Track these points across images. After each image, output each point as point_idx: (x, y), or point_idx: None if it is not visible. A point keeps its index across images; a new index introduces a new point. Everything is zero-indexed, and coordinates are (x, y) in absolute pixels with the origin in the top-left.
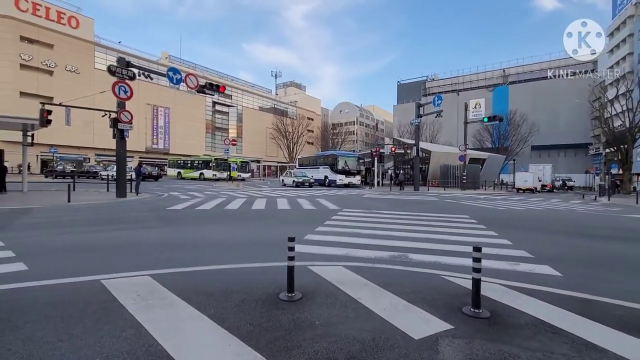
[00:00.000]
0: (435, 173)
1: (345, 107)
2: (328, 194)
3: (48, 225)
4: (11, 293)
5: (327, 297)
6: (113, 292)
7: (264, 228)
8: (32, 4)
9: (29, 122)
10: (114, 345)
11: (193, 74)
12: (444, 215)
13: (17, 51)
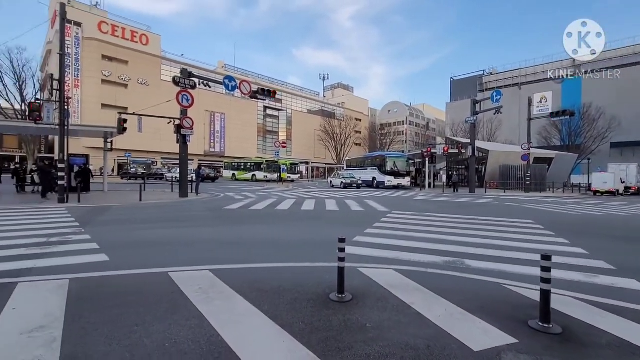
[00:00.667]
0: (493, 174)
1: (393, 106)
2: (376, 196)
3: (124, 221)
4: (97, 280)
5: (378, 300)
6: (178, 284)
7: (313, 228)
8: (112, 26)
9: (109, 130)
10: (180, 333)
11: (247, 81)
12: (505, 219)
13: (99, 68)
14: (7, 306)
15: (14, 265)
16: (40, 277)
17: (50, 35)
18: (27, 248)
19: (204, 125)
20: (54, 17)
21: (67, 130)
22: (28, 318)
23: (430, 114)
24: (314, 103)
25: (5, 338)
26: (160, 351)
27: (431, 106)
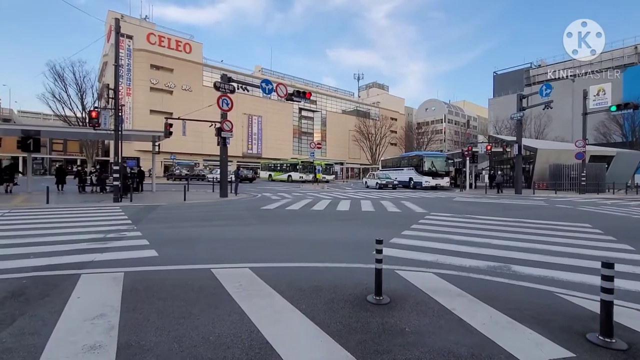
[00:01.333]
0: (542, 173)
1: (431, 104)
2: (413, 197)
3: (170, 219)
4: (147, 274)
5: (417, 305)
6: (220, 280)
7: (349, 229)
8: (159, 37)
9: (157, 134)
10: (223, 327)
11: (282, 84)
12: (556, 222)
13: (148, 77)
14: (73, 295)
15: (78, 258)
16: (99, 270)
17: (106, 49)
18: (88, 243)
19: (242, 128)
20: (109, 32)
21: (121, 135)
22: (90, 306)
23: (471, 111)
24: (348, 103)
25: (72, 323)
26: (205, 343)
27: (472, 103)
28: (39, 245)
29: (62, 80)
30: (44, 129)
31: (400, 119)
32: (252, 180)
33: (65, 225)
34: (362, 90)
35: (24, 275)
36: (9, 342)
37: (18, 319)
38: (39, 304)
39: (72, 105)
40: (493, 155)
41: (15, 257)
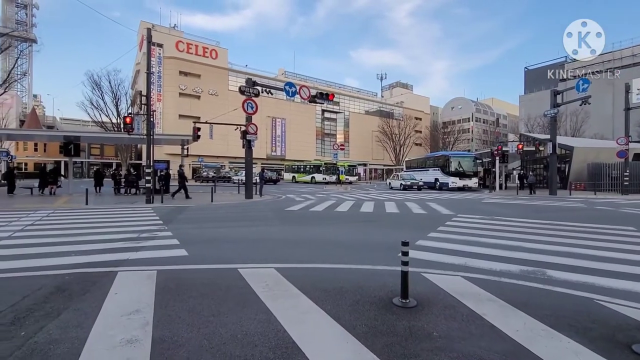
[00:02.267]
0: (579, 173)
1: (458, 102)
2: (439, 198)
3: (199, 220)
4: (178, 273)
5: (445, 308)
6: (247, 279)
7: (373, 231)
8: (187, 44)
9: (185, 138)
10: (250, 326)
11: (306, 86)
12: (596, 225)
13: (177, 83)
14: (111, 291)
15: (114, 256)
16: (134, 268)
17: (138, 57)
18: (124, 242)
19: (266, 131)
20: (141, 42)
21: (152, 139)
22: (126, 302)
23: (500, 109)
24: (371, 104)
25: (110, 318)
26: (233, 341)
27: (501, 100)
28: (80, 243)
29: (99, 89)
30: (83, 134)
31: (425, 119)
32: (276, 182)
33: (103, 225)
34: (386, 90)
35: (66, 272)
36: (55, 333)
37: (63, 313)
38: (80, 299)
39: (108, 112)
40: (525, 154)
41: (59, 255)
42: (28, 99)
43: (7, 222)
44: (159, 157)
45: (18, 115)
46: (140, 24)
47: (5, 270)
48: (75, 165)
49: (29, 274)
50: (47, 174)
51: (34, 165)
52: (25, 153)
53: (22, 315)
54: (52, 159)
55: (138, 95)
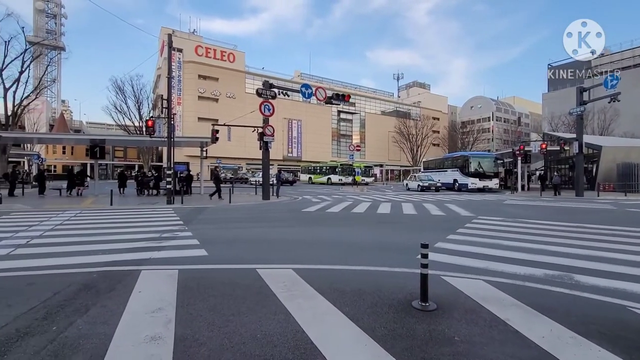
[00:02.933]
0: (608, 174)
1: (477, 101)
2: (458, 199)
3: (218, 221)
4: (199, 272)
5: (467, 313)
6: (265, 280)
7: (390, 232)
8: (205, 48)
9: (204, 140)
10: (269, 326)
11: (322, 87)
12: (627, 228)
13: (196, 86)
14: (135, 289)
15: (138, 255)
16: (157, 267)
17: (159, 62)
18: (146, 242)
19: (282, 132)
20: (162, 47)
21: (173, 141)
22: (149, 300)
23: (522, 108)
24: (387, 104)
25: (136, 315)
26: (253, 341)
27: (523, 99)
28: (105, 243)
29: (122, 93)
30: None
31: (443, 119)
32: (293, 183)
33: (127, 225)
34: (402, 90)
35: (93, 270)
36: (84, 329)
37: (91, 309)
38: (107, 296)
39: (131, 116)
40: (549, 154)
41: (86, 253)
42: (57, 104)
43: (38, 222)
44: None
45: (48, 120)
46: (161, 30)
47: (37, 268)
48: (101, 167)
49: (59, 272)
50: (75, 175)
51: (62, 167)
52: (55, 156)
53: (54, 311)
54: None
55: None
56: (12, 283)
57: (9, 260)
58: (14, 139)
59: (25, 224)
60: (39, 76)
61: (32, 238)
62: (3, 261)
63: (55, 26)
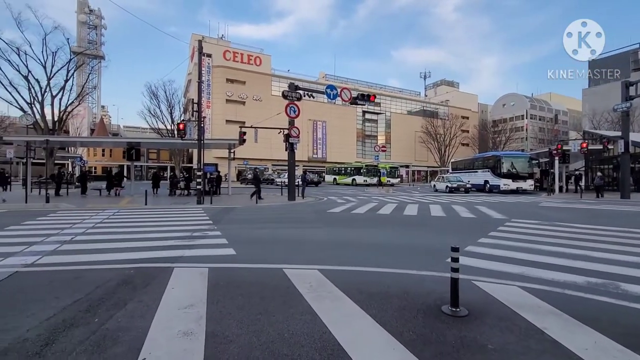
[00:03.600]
0: None
1: (509, 99)
2: (490, 201)
3: (245, 221)
4: (228, 271)
5: (501, 320)
6: (292, 280)
7: (417, 234)
8: (233, 53)
9: (232, 142)
10: (296, 326)
11: (347, 88)
12: None
13: (224, 90)
14: (168, 286)
15: (171, 253)
16: (188, 265)
17: (190, 67)
18: (179, 240)
19: (307, 134)
20: (192, 53)
21: (203, 143)
22: (182, 297)
23: (559, 105)
24: (414, 104)
25: (169, 310)
26: (280, 340)
27: (560, 95)
28: (141, 240)
29: (156, 98)
30: (143, 140)
31: (472, 117)
32: (318, 184)
33: (160, 223)
34: (430, 89)
35: (131, 266)
36: (123, 322)
37: (129, 303)
38: (143, 292)
39: (163, 119)
40: (590, 153)
41: (124, 250)
42: (97, 109)
43: (81, 220)
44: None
45: (89, 125)
46: (192, 37)
47: (81, 263)
48: (136, 168)
49: (100, 267)
50: (113, 177)
51: (102, 168)
52: (95, 158)
53: (96, 304)
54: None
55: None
56: (60, 276)
57: (56, 255)
58: (60, 143)
59: (69, 222)
60: (82, 84)
61: (75, 235)
62: (52, 256)
63: (96, 37)
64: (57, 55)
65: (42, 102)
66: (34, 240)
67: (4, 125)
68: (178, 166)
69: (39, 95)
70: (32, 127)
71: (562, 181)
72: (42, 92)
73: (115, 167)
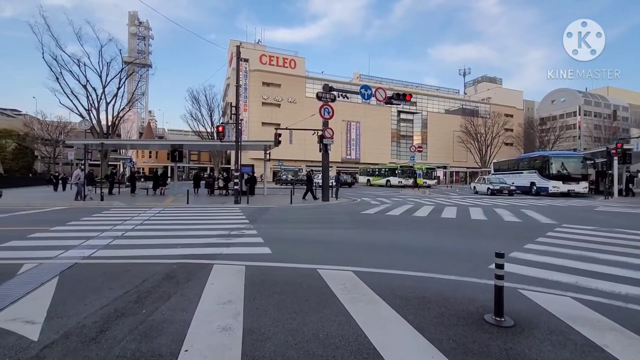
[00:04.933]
0: None
1: (560, 94)
2: (537, 204)
3: (280, 220)
4: (263, 269)
5: (552, 334)
6: (326, 280)
7: (456, 238)
8: (269, 57)
9: (268, 143)
10: (331, 327)
11: (381, 88)
12: None
13: (260, 93)
14: (208, 281)
15: (210, 250)
16: (226, 262)
17: (228, 72)
18: (217, 238)
19: (341, 134)
20: (230, 58)
21: (240, 145)
22: (221, 293)
23: (619, 99)
24: (452, 102)
25: (209, 305)
26: (315, 340)
27: (619, 89)
28: (183, 237)
29: (197, 102)
30: (185, 142)
31: (517, 115)
32: (351, 185)
33: (200, 221)
34: (469, 86)
35: (174, 262)
36: (167, 314)
37: (172, 297)
38: (185, 286)
39: (204, 122)
40: None
41: (168, 246)
42: (145, 114)
43: (130, 217)
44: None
45: (138, 129)
46: (230, 43)
47: (130, 257)
48: (179, 169)
49: (147, 261)
50: (159, 177)
51: (149, 169)
52: (143, 159)
53: (143, 296)
54: (162, 164)
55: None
56: (112, 269)
57: (109, 249)
58: (113, 145)
59: (120, 219)
60: (132, 91)
61: (126, 231)
62: (105, 250)
63: (144, 47)
64: (111, 65)
65: (98, 108)
66: (90, 235)
67: (67, 130)
68: (217, 167)
69: (96, 102)
70: (89, 132)
71: (622, 183)
72: (98, 99)
73: (161, 168)
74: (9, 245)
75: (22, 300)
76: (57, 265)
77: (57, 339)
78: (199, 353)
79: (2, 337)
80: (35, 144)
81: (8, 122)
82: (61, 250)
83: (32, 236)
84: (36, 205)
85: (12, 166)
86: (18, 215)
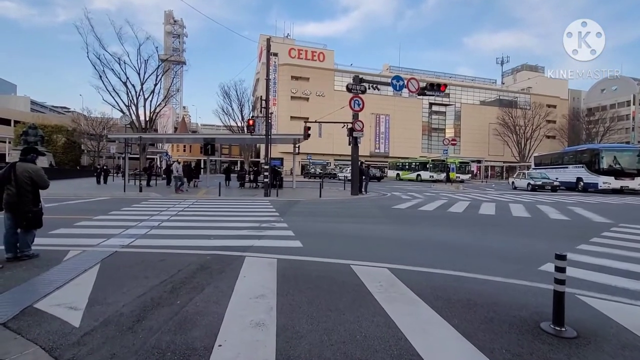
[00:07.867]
0: None
1: (610, 83)
2: (586, 202)
3: (310, 213)
4: (295, 263)
5: (624, 348)
6: (360, 277)
7: (497, 237)
8: (297, 50)
9: (297, 137)
10: (368, 328)
11: (414, 78)
12: None
13: (289, 87)
14: (240, 274)
15: (242, 242)
16: (258, 254)
17: (258, 67)
18: (249, 230)
19: (370, 128)
20: (260, 53)
21: (270, 138)
22: (253, 286)
23: None
24: (488, 92)
25: (241, 299)
26: (352, 342)
27: None
28: (216, 229)
29: (228, 97)
30: (217, 136)
31: (561, 106)
32: (380, 179)
33: (232, 214)
34: (507, 75)
35: (208, 253)
36: (200, 306)
37: (206, 288)
38: (218, 278)
39: (234, 117)
40: None
41: (202, 237)
42: (179, 109)
43: (166, 208)
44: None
45: (173, 124)
46: (260, 37)
47: (166, 247)
48: (211, 162)
49: (181, 252)
50: (192, 170)
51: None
52: (177, 153)
53: (178, 286)
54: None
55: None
56: (149, 258)
57: (147, 238)
58: (150, 139)
59: (157, 209)
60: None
61: (162, 221)
62: (143, 239)
63: (179, 44)
64: (148, 62)
65: (137, 104)
66: (129, 224)
67: (109, 125)
68: (247, 161)
69: (135, 99)
70: (129, 127)
71: None
72: (137, 96)
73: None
74: (57, 233)
75: (66, 286)
76: (99, 252)
77: (97, 326)
78: (232, 349)
79: (47, 322)
80: (82, 139)
81: (59, 119)
82: (103, 239)
83: (77, 224)
84: (83, 196)
85: (62, 159)
86: (66, 205)
